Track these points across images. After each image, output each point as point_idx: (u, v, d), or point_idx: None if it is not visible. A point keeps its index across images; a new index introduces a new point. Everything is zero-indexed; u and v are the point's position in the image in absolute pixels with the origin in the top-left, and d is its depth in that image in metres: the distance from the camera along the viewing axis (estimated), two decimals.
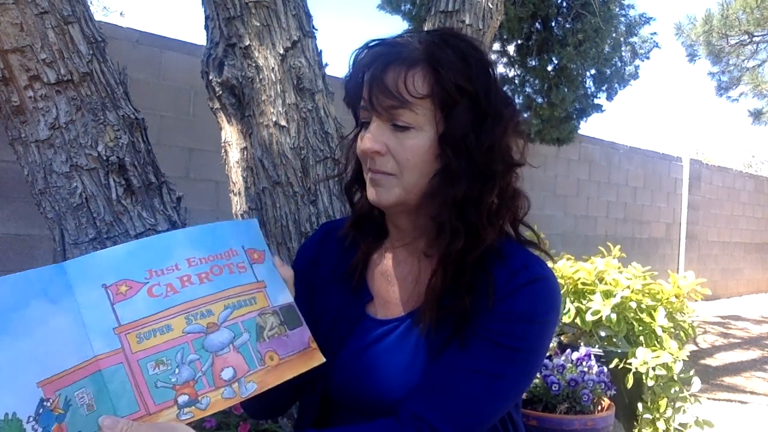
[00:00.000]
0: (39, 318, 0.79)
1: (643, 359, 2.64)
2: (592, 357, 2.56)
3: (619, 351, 2.83)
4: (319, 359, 0.91)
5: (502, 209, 0.94)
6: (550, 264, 0.97)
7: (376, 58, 0.90)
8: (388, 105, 0.88)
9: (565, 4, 5.91)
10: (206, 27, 1.89)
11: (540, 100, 6.08)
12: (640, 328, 2.90)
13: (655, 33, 6.69)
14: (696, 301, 3.60)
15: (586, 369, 2.48)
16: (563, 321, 2.95)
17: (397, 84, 0.87)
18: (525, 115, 5.89)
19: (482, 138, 0.89)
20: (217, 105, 1.90)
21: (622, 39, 6.31)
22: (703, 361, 5.65)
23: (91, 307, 0.81)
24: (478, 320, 0.88)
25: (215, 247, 0.89)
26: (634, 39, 6.53)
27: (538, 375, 2.39)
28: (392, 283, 1.00)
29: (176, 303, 0.83)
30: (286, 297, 0.93)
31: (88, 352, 0.80)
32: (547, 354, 2.66)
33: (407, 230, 0.98)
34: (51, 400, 0.77)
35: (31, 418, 0.76)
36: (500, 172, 0.91)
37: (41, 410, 0.77)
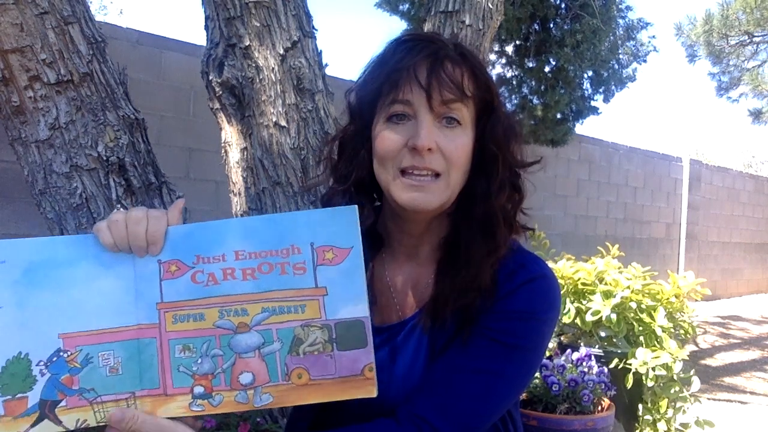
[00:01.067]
0: (84, 278, 0.83)
1: (643, 359, 2.63)
2: (592, 357, 2.56)
3: (619, 351, 2.82)
4: (370, 392, 0.81)
5: (513, 212, 0.95)
6: (550, 264, 0.97)
7: (431, 53, 0.88)
8: (448, 98, 0.87)
9: (563, 5, 5.91)
10: (206, 27, 1.89)
11: (536, 101, 6.07)
12: (640, 328, 2.90)
13: (653, 36, 6.70)
14: (696, 301, 3.60)
15: (586, 369, 2.48)
16: (563, 321, 2.95)
17: (460, 77, 0.88)
18: (520, 116, 5.90)
19: (509, 145, 0.93)
20: (217, 105, 1.90)
21: (620, 41, 6.31)
22: (703, 362, 5.65)
23: (146, 278, 0.84)
24: (479, 320, 0.88)
25: (272, 241, 0.83)
26: (633, 42, 6.53)
27: (538, 375, 2.39)
28: (391, 290, 0.99)
29: (214, 294, 0.83)
30: (356, 311, 0.82)
31: (132, 318, 0.83)
32: (547, 354, 2.66)
33: (416, 234, 0.97)
34: (69, 353, 0.81)
35: (42, 362, 0.81)
36: (518, 177, 0.95)
37: (55, 358, 0.81)
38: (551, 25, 6.02)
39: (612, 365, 2.72)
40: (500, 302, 0.88)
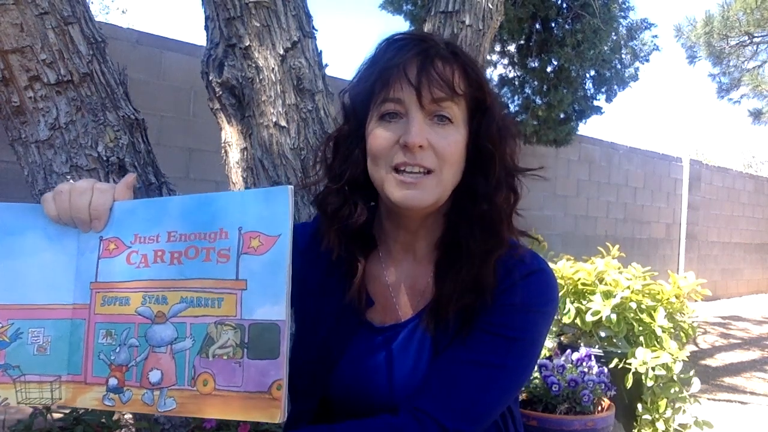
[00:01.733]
0: (27, 249, 0.79)
1: (642, 359, 2.64)
2: (592, 357, 2.56)
3: (619, 351, 2.82)
4: (273, 416, 0.70)
5: (509, 211, 0.95)
6: (550, 265, 0.97)
7: (422, 51, 0.88)
8: (439, 96, 0.87)
9: (564, 4, 5.91)
10: (206, 27, 1.89)
11: (538, 101, 6.07)
12: (640, 328, 2.90)
13: (656, 36, 6.70)
14: (696, 301, 3.60)
15: (586, 369, 2.48)
16: (563, 321, 2.95)
17: (451, 75, 0.88)
18: (522, 116, 5.90)
19: (505, 144, 0.93)
20: (217, 105, 1.90)
21: (622, 41, 6.32)
22: (703, 362, 5.65)
23: (86, 256, 0.80)
24: (479, 315, 0.89)
25: (204, 223, 0.76)
26: (635, 42, 6.53)
27: (538, 375, 2.39)
28: (390, 289, 0.99)
29: (142, 277, 0.77)
30: (272, 312, 0.72)
31: (68, 297, 0.79)
32: (548, 354, 2.66)
33: (412, 230, 0.97)
34: (0, 325, 0.78)
35: None
36: (513, 178, 0.95)
37: None
38: (553, 25, 6.02)
39: (612, 365, 2.72)
40: (499, 296, 0.89)
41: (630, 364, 2.67)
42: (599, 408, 2.47)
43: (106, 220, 0.81)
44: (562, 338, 3.09)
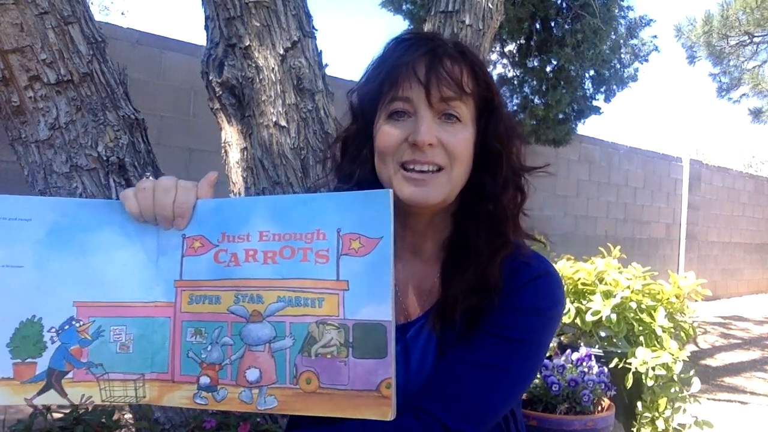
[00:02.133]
0: (106, 246, 0.79)
1: (642, 359, 2.64)
2: (592, 357, 2.56)
3: (619, 351, 2.83)
4: (384, 413, 0.71)
5: (516, 211, 0.96)
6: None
7: (430, 50, 0.89)
8: (447, 95, 0.87)
9: (564, 4, 5.91)
10: (206, 27, 1.89)
11: (537, 100, 6.08)
12: (640, 328, 2.90)
13: (655, 36, 6.70)
14: (696, 301, 3.60)
15: (586, 369, 2.48)
16: (563, 321, 2.95)
17: (459, 74, 0.88)
18: (521, 116, 5.90)
19: (512, 143, 0.93)
20: (217, 105, 1.90)
21: (621, 41, 6.32)
22: (703, 362, 5.65)
23: (168, 253, 0.80)
24: (485, 316, 0.89)
25: (299, 224, 0.76)
26: (634, 41, 6.53)
27: (538, 375, 2.39)
28: (397, 289, 0.98)
29: (233, 276, 0.77)
30: (378, 312, 0.72)
31: (149, 295, 0.79)
32: (547, 354, 2.66)
33: (420, 230, 0.97)
34: (81, 323, 0.78)
35: (53, 329, 0.77)
36: (520, 177, 0.96)
37: (67, 326, 0.78)
38: (552, 25, 6.02)
39: (612, 365, 2.72)
40: (505, 299, 0.89)
41: (630, 363, 2.67)
42: (599, 408, 2.47)
43: (189, 218, 0.80)
44: (562, 338, 3.09)
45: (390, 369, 0.71)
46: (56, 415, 1.45)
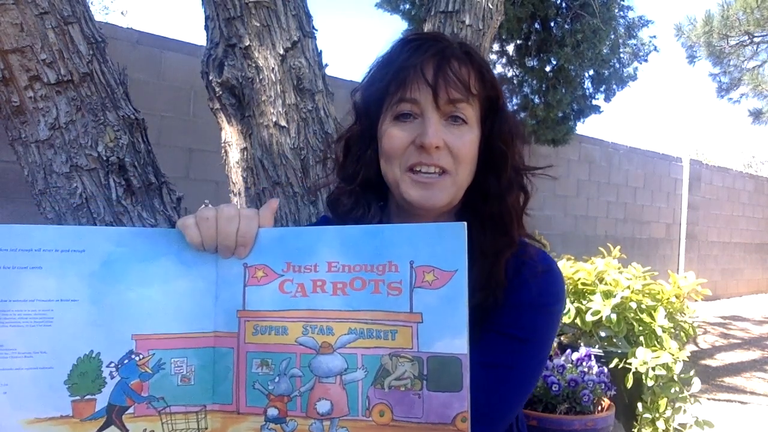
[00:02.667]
0: (163, 276, 0.78)
1: (643, 359, 2.64)
2: (592, 357, 2.56)
3: (619, 351, 2.83)
4: None
5: (520, 211, 0.96)
6: None
7: (438, 52, 0.88)
8: (455, 97, 0.88)
9: (564, 4, 5.91)
10: (206, 27, 1.89)
11: (537, 100, 6.08)
12: (640, 328, 2.90)
13: (654, 36, 6.71)
14: (696, 301, 3.60)
15: (586, 369, 2.48)
16: (563, 321, 2.95)
17: (467, 76, 0.88)
18: (521, 116, 5.90)
19: (515, 144, 0.94)
20: (217, 105, 1.90)
21: (621, 41, 6.32)
22: (703, 362, 5.65)
23: (228, 283, 0.78)
24: (490, 316, 0.89)
25: (369, 255, 0.75)
26: (633, 41, 6.54)
27: None
28: None
29: (300, 307, 0.76)
30: (453, 346, 0.72)
31: (209, 325, 0.77)
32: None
33: None
34: (141, 356, 0.76)
35: (113, 364, 0.76)
36: (523, 177, 0.96)
37: (126, 361, 0.76)
38: (552, 25, 6.02)
39: (612, 365, 2.72)
40: (509, 297, 0.89)
41: (630, 364, 2.68)
42: (599, 408, 2.47)
43: (251, 247, 0.79)
44: (562, 338, 3.09)
45: (465, 402, 0.71)
46: None
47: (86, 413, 0.75)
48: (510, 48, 6.30)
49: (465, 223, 0.75)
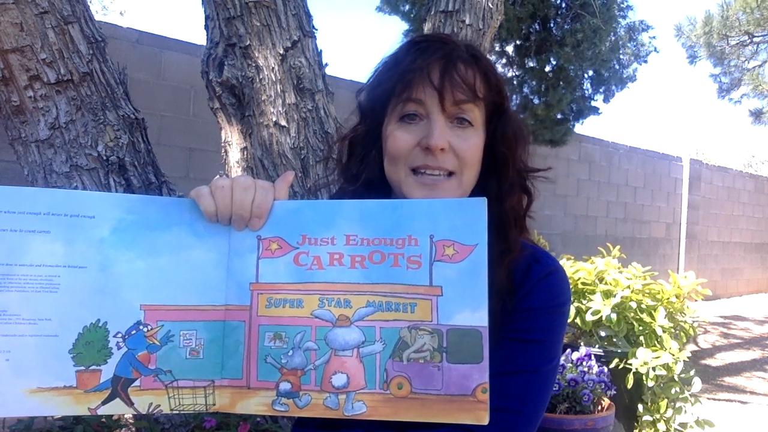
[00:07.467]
0: (174, 246, 0.76)
1: (643, 359, 2.64)
2: (592, 357, 2.56)
3: (619, 351, 2.83)
4: (480, 418, 0.71)
5: (523, 214, 0.96)
6: None
7: (444, 54, 0.89)
8: (460, 99, 0.87)
9: (564, 4, 5.91)
10: (206, 27, 1.89)
11: (537, 100, 6.08)
12: (641, 328, 2.90)
13: (654, 37, 6.71)
14: (696, 301, 3.60)
15: (586, 369, 2.48)
16: None
17: (473, 79, 0.88)
18: (521, 116, 5.89)
19: (518, 147, 0.93)
20: (217, 105, 1.90)
21: (621, 42, 6.32)
22: (703, 362, 5.65)
23: (241, 255, 0.76)
24: (502, 322, 0.88)
25: (388, 229, 0.75)
26: (633, 42, 6.54)
27: None
28: None
29: (316, 280, 0.75)
30: (473, 318, 0.72)
31: (220, 298, 0.75)
32: None
33: None
34: (149, 327, 0.74)
35: (119, 334, 0.74)
36: (525, 179, 0.96)
37: (134, 331, 0.74)
38: (552, 25, 6.02)
39: (612, 365, 2.72)
40: (521, 301, 0.88)
41: (630, 364, 2.67)
42: (599, 407, 2.47)
43: (265, 219, 0.78)
44: None
45: (485, 374, 0.71)
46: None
47: (91, 384, 0.73)
48: (510, 48, 6.30)
49: (485, 198, 0.76)
